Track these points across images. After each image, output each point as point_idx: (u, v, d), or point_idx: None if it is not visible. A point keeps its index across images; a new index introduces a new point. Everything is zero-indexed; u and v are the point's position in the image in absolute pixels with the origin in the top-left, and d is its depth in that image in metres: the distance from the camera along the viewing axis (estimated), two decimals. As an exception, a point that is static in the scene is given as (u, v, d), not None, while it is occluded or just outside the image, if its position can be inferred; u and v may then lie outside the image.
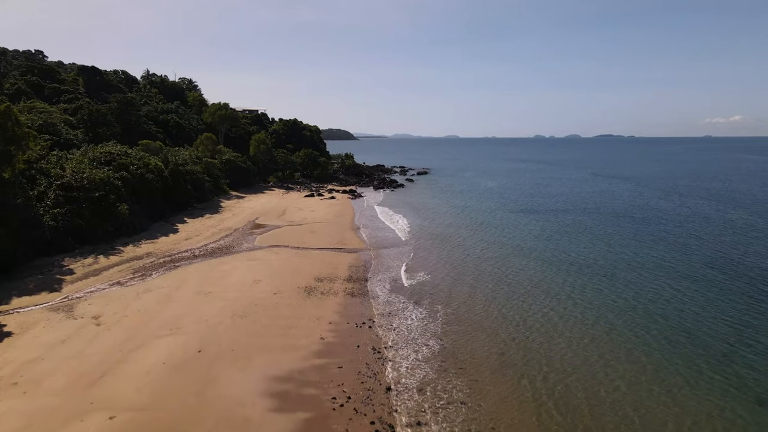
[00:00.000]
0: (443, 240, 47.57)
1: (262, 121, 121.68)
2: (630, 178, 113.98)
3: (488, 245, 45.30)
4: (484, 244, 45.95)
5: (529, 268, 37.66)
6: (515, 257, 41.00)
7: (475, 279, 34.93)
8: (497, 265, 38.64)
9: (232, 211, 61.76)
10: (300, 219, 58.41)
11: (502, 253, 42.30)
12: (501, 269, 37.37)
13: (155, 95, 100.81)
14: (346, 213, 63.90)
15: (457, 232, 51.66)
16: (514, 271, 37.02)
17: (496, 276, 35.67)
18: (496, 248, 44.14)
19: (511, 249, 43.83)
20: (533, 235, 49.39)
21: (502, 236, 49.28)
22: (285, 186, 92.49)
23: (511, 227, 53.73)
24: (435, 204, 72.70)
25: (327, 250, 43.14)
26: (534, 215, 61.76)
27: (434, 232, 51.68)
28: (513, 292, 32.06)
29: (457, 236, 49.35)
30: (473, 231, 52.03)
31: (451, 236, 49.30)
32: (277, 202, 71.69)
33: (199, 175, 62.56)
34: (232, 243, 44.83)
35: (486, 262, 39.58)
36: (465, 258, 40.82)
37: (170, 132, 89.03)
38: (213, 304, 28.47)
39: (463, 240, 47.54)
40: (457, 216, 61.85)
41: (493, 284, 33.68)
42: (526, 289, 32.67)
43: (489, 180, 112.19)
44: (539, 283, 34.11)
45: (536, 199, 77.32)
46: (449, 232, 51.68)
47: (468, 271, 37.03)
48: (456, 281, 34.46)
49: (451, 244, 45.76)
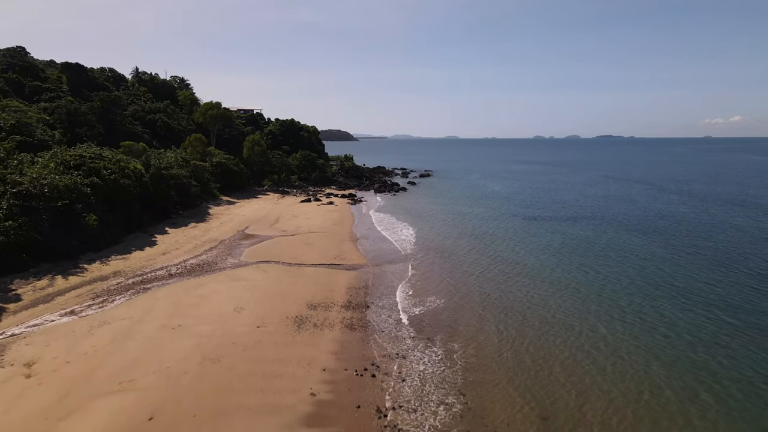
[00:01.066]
0: (452, 255, 42.37)
1: (257, 121, 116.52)
2: (641, 181, 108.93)
3: (504, 263, 40.11)
4: (499, 261, 40.75)
5: (557, 295, 32.46)
6: (538, 280, 35.79)
7: (498, 308, 29.74)
8: (519, 289, 33.44)
9: (220, 219, 56.54)
10: (294, 228, 53.23)
11: (521, 273, 37.12)
12: (524, 295, 32.16)
13: (144, 94, 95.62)
14: (345, 221, 58.72)
15: (467, 244, 46.47)
16: (540, 297, 31.80)
17: (520, 304, 30.46)
18: (513, 267, 38.93)
19: (532, 268, 38.61)
20: (552, 250, 44.19)
21: (518, 251, 44.09)
22: (280, 190, 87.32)
23: (525, 239, 48.51)
24: (439, 211, 67.53)
25: (323, 267, 37.96)
26: (548, 224, 56.57)
27: (441, 244, 46.50)
28: (543, 328, 26.84)
29: (467, 250, 44.16)
30: (484, 243, 46.85)
31: (461, 250, 44.10)
32: (270, 209, 66.49)
33: (184, 179, 57.38)
34: (216, 258, 39.60)
35: (505, 284, 34.38)
36: (480, 278, 35.64)
37: (158, 133, 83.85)
38: (181, 342, 23.26)
39: (476, 255, 42.34)
40: (464, 225, 56.67)
41: (520, 316, 28.44)
42: (559, 325, 27.47)
43: (495, 183, 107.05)
44: (573, 315, 28.90)
45: (548, 205, 72.16)
46: (458, 244, 46.49)
47: (487, 296, 31.85)
48: (473, 310, 29.27)
49: (462, 260, 40.55)
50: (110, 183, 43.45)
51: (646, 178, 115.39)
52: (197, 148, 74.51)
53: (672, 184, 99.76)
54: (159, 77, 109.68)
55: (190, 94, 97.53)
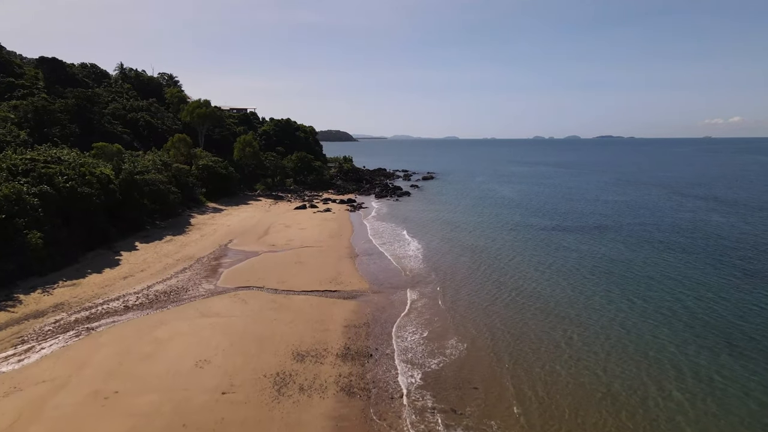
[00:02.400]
0: (468, 279, 35.76)
1: (250, 120, 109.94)
2: (658, 185, 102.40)
3: (533, 291, 33.57)
4: (526, 289, 34.17)
5: (607, 342, 25.95)
6: (580, 318, 29.28)
7: (536, 359, 23.21)
8: (557, 331, 26.91)
9: (202, 231, 49.94)
10: (285, 241, 46.68)
11: (556, 305, 30.58)
12: (566, 341, 25.62)
13: (127, 91, 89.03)
14: (343, 232, 52.17)
15: (484, 264, 39.91)
16: (585, 345, 25.30)
17: (564, 356, 23.94)
18: (544, 297, 32.37)
19: (568, 301, 32.02)
20: (585, 271, 37.56)
21: (545, 272, 37.53)
22: (274, 195, 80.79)
23: (551, 258, 41.87)
24: (448, 220, 60.94)
25: (316, 295, 31.41)
26: (571, 237, 49.99)
27: (454, 264, 39.93)
28: (603, 402, 20.34)
29: (484, 272, 37.59)
30: (503, 263, 40.30)
31: (477, 272, 37.49)
32: (260, 217, 59.92)
33: (161, 185, 50.76)
34: (187, 283, 33.01)
35: (540, 323, 27.84)
36: (506, 313, 29.08)
37: (140, 133, 77.29)
38: (107, 427, 16.67)
39: (496, 279, 35.75)
40: (477, 238, 50.12)
41: (570, 378, 21.93)
42: (622, 393, 20.96)
43: (503, 187, 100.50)
44: (631, 374, 22.39)
45: (565, 213, 65.63)
46: (473, 264, 39.93)
47: (517, 340, 25.32)
48: (504, 363, 22.74)
49: (480, 287, 33.96)
50: (66, 192, 36.85)
51: (661, 181, 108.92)
52: (181, 150, 67.95)
53: (692, 189, 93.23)
54: (146, 74, 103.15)
55: (178, 92, 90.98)
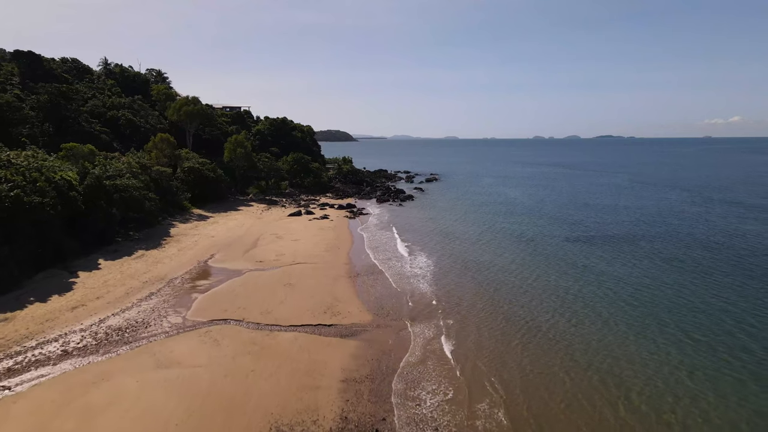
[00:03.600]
0: (493, 310, 29.70)
1: (244, 119, 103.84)
2: (676, 187, 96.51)
3: (572, 330, 27.64)
4: (565, 327, 28.27)
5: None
6: (646, 369, 23.32)
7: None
8: (609, 397, 20.98)
9: (181, 243, 43.91)
10: (275, 256, 40.69)
11: (606, 355, 24.65)
12: (632, 406, 19.70)
13: (110, 88, 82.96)
14: (342, 244, 46.18)
15: (497, 284, 33.95)
16: (674, 420, 19.37)
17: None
18: (587, 340, 26.46)
19: (621, 346, 26.10)
20: (623, 299, 31.58)
21: (580, 300, 31.52)
22: (267, 200, 74.78)
23: (581, 280, 35.83)
24: (455, 229, 54.90)
25: (307, 331, 25.43)
26: (599, 251, 43.95)
27: (473, 286, 33.94)
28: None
29: (498, 295, 31.62)
30: (520, 282, 34.34)
31: (490, 296, 31.50)
32: (249, 226, 53.91)
33: (135, 191, 44.69)
34: (150, 316, 26.98)
35: (585, 380, 21.91)
36: (532, 359, 23.17)
37: (122, 132, 71.27)
38: None
39: (511, 308, 29.72)
40: (492, 252, 44.10)
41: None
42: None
43: (512, 190, 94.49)
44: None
45: (583, 219, 59.69)
46: (486, 285, 33.94)
47: (569, 407, 19.39)
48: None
49: (496, 321, 28.00)
50: (9, 201, 30.81)
51: (677, 183, 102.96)
52: (164, 151, 61.90)
53: (713, 192, 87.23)
54: (132, 69, 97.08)
55: (165, 88, 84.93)
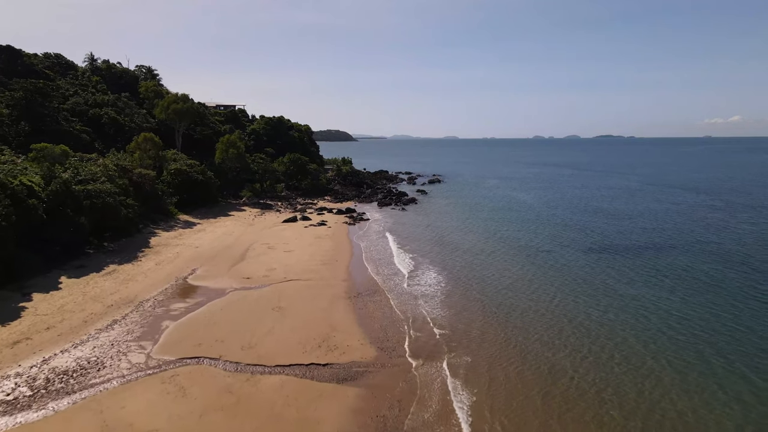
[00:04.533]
0: (506, 340, 25.10)
1: (238, 118, 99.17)
2: (689, 188, 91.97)
3: (613, 381, 23.05)
4: (605, 377, 23.70)
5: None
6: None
7: None
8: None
9: (160, 256, 39.23)
10: (265, 271, 36.05)
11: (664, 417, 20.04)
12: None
13: (95, 84, 78.28)
14: (340, 255, 41.52)
15: (520, 303, 29.32)
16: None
17: None
18: (639, 392, 21.87)
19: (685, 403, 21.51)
20: (669, 329, 26.94)
21: (620, 335, 26.95)
22: (261, 203, 70.15)
23: (606, 304, 31.19)
24: (464, 237, 50.17)
25: (297, 374, 20.77)
26: (623, 262, 39.29)
27: (481, 311, 29.23)
28: None
29: (526, 323, 26.98)
30: (548, 306, 29.70)
31: (517, 326, 26.81)
32: (240, 234, 49.28)
33: (109, 197, 39.99)
34: (107, 352, 22.31)
35: None
36: (586, 415, 18.56)
37: (105, 131, 66.61)
38: None
39: (549, 344, 25.05)
40: (504, 262, 39.43)
41: None
42: None
43: (521, 192, 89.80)
44: None
45: (601, 225, 55.07)
46: (507, 309, 29.29)
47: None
48: None
49: (529, 362, 23.39)
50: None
51: (690, 185, 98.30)
52: (148, 152, 57.26)
53: (732, 195, 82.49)
54: (120, 66, 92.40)
55: (154, 85, 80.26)
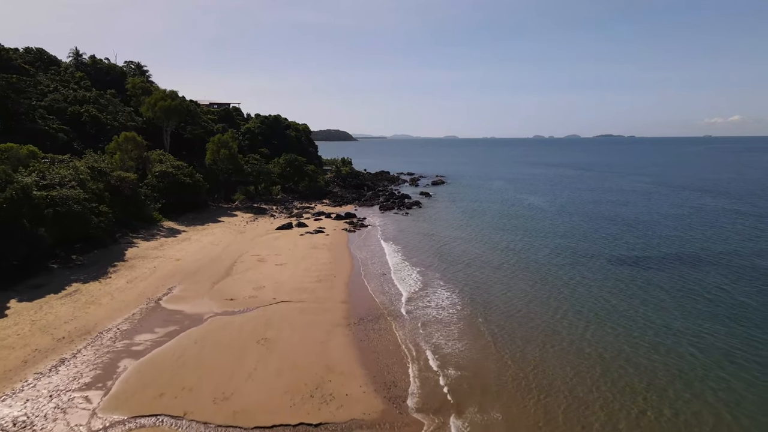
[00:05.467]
0: (530, 395, 20.55)
1: (232, 117, 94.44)
2: (707, 190, 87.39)
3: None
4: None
5: None
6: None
7: None
8: None
9: (134, 272, 34.50)
10: (252, 290, 31.36)
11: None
12: None
13: (79, 80, 73.53)
14: (339, 270, 36.81)
15: (549, 338, 24.70)
16: None
17: None
18: None
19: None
20: (746, 373, 22.41)
21: (665, 375, 22.32)
22: (255, 207, 65.52)
23: (648, 332, 26.56)
24: (475, 249, 45.37)
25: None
26: (659, 278, 34.62)
27: (499, 352, 24.69)
28: None
29: (558, 369, 22.37)
30: (581, 342, 25.02)
31: (550, 373, 22.28)
32: (228, 243, 44.58)
33: (76, 205, 35.26)
34: (38, 412, 17.54)
35: None
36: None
37: (86, 131, 61.90)
38: None
39: (590, 404, 20.54)
40: (522, 280, 34.75)
41: None
42: None
43: (529, 194, 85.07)
44: None
45: (623, 233, 50.42)
46: (534, 347, 24.72)
47: None
48: None
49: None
50: None
51: (706, 186, 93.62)
52: (130, 153, 52.55)
53: (754, 198, 77.89)
54: (108, 61, 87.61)
55: (142, 82, 75.49)
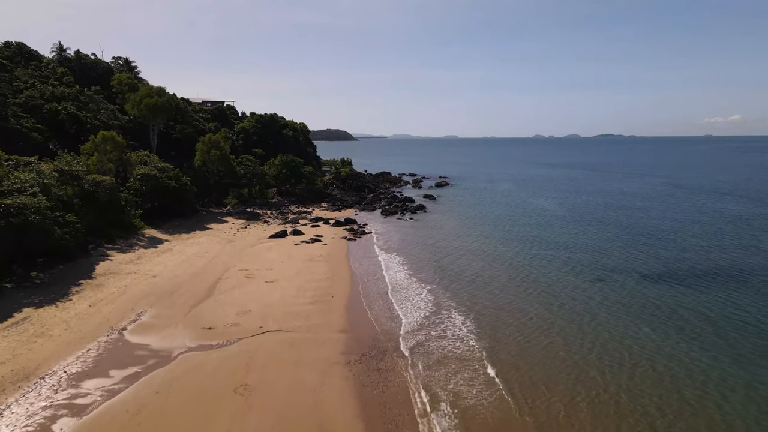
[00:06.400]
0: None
1: (226, 116, 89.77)
2: (725, 192, 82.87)
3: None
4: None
5: None
6: None
7: None
8: None
9: (102, 291, 29.86)
10: (236, 314, 26.72)
11: None
12: None
13: (61, 76, 68.90)
14: (337, 288, 32.13)
15: (592, 394, 20.13)
16: None
17: None
18: None
19: None
20: None
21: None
22: (248, 212, 60.99)
23: (707, 383, 22.07)
24: (492, 263, 41.00)
25: None
26: (705, 297, 30.09)
27: (531, 410, 20.10)
28: None
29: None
30: (636, 390, 20.51)
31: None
32: (214, 255, 39.96)
33: (34, 216, 30.61)
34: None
35: None
36: None
37: (65, 130, 57.24)
38: None
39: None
40: (548, 303, 30.19)
41: None
42: None
43: (540, 198, 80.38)
44: None
45: (653, 243, 45.77)
46: (575, 398, 20.12)
47: None
48: None
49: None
50: None
51: (724, 188, 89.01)
52: (109, 154, 47.93)
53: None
54: (95, 56, 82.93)
55: (128, 78, 70.80)
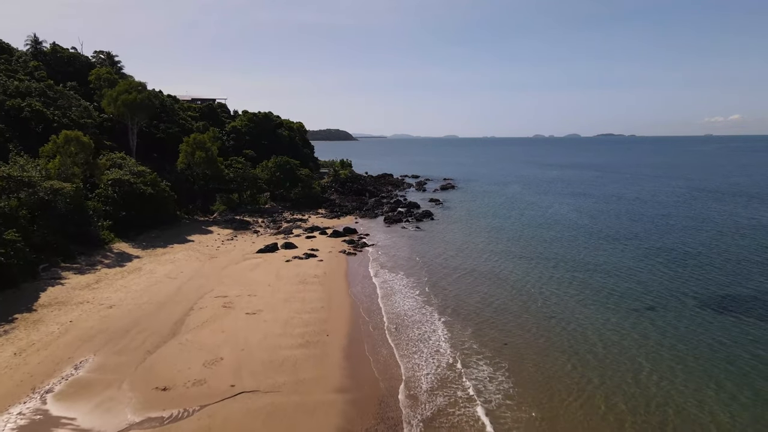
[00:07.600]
0: None
1: (216, 114, 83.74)
2: (751, 196, 77.05)
3: None
4: None
5: None
6: None
7: None
8: None
9: (39, 331, 23.80)
10: (201, 367, 20.73)
11: None
12: None
13: (33, 71, 62.85)
14: (334, 322, 26.11)
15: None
16: None
17: None
18: None
19: None
20: None
21: None
22: (237, 220, 55.10)
23: None
24: (513, 292, 35.05)
25: None
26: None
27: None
28: None
29: None
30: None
31: None
32: (189, 276, 33.94)
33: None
34: None
35: None
36: None
37: (31, 129, 51.21)
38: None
39: None
40: (603, 347, 24.26)
41: None
42: None
43: (552, 204, 74.10)
44: None
45: (700, 258, 39.80)
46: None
47: None
48: None
49: None
50: None
51: (746, 191, 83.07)
52: (74, 157, 41.93)
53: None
54: (74, 50, 76.90)
55: (107, 72, 64.76)
